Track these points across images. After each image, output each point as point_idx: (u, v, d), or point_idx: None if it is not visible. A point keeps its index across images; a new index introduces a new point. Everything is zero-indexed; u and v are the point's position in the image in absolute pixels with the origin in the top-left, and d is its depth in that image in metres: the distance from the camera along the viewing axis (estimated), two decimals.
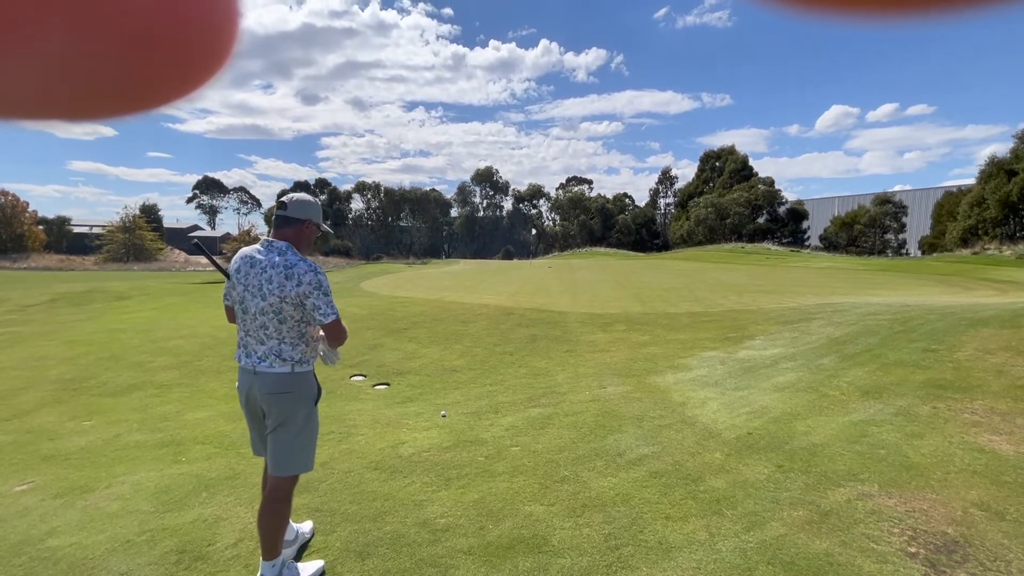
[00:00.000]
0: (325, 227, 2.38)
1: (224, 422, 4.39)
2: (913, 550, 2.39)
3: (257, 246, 2.21)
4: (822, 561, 2.33)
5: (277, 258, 2.14)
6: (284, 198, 2.24)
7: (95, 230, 43.35)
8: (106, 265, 31.01)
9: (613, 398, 4.77)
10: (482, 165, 70.10)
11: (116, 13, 0.18)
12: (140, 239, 35.36)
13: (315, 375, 2.33)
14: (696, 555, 2.41)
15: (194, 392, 5.31)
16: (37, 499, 3.07)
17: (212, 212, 73.69)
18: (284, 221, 2.22)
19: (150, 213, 47.12)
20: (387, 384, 5.60)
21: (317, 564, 2.38)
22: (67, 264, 30.74)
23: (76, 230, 50.51)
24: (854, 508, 2.74)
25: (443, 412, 4.53)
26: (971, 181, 30.28)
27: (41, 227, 40.82)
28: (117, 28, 0.19)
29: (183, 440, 4.01)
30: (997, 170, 26.92)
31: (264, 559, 2.21)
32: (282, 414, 2.19)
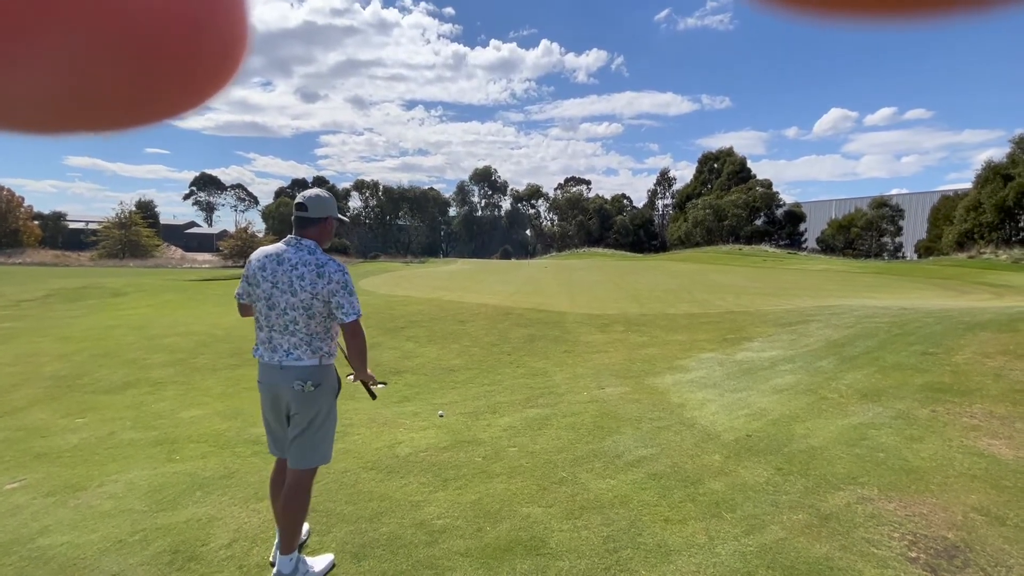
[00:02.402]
0: (342, 217, 2.44)
1: (219, 420, 4.35)
2: (914, 555, 2.37)
3: (282, 245, 2.25)
4: (822, 566, 2.31)
5: (308, 256, 2.20)
6: (302, 199, 2.27)
7: (91, 226, 43.21)
8: (101, 261, 30.86)
9: (611, 399, 4.75)
10: (481, 165, 69.97)
11: (125, 25, 0.18)
12: (136, 235, 35.20)
13: (336, 369, 2.37)
14: (695, 558, 2.39)
15: (189, 390, 5.26)
16: (28, 497, 3.03)
17: (209, 209, 73.49)
18: (307, 222, 2.27)
19: (147, 209, 46.91)
20: (384, 383, 5.53)
21: (327, 557, 2.40)
22: (62, 260, 30.57)
23: (72, 226, 50.37)
24: (854, 512, 2.72)
25: (440, 412, 4.50)
26: (968, 185, 30.41)
27: (36, 222, 40.57)
28: (126, 40, 0.19)
29: (177, 438, 3.96)
30: (994, 175, 27.02)
31: (282, 553, 2.24)
32: (310, 408, 2.23)
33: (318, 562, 2.34)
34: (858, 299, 10.63)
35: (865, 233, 36.21)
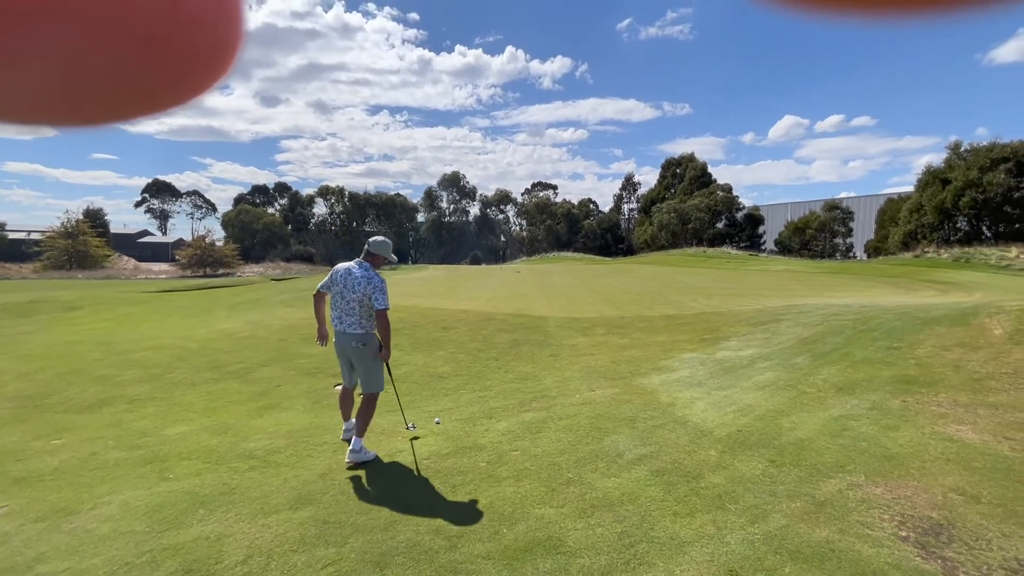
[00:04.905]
0: (392, 257, 3.94)
1: (208, 436, 4.22)
2: (904, 534, 2.56)
3: (354, 265, 3.78)
4: (824, 549, 2.46)
5: (366, 272, 3.73)
6: (370, 240, 3.87)
7: (33, 236, 40.68)
8: (46, 273, 29.10)
9: (603, 401, 4.86)
10: (448, 170, 69.85)
11: (122, 18, 0.19)
12: (84, 245, 33.42)
13: (375, 335, 3.79)
14: (707, 548, 2.51)
15: (170, 406, 5.07)
16: (16, 524, 2.88)
17: (163, 217, 70.44)
18: (368, 254, 3.83)
19: (95, 218, 44.56)
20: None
21: (373, 453, 3.68)
22: (2, 272, 28.68)
23: (11, 236, 47.25)
24: (846, 498, 2.91)
25: (436, 419, 4.51)
26: (910, 189, 32.43)
27: None
28: (124, 33, 0.19)
29: (166, 456, 3.83)
30: (933, 179, 28.93)
31: (356, 436, 3.60)
32: (364, 358, 3.74)
33: (370, 453, 3.65)
34: (821, 298, 11.18)
35: (819, 234, 38.02)
